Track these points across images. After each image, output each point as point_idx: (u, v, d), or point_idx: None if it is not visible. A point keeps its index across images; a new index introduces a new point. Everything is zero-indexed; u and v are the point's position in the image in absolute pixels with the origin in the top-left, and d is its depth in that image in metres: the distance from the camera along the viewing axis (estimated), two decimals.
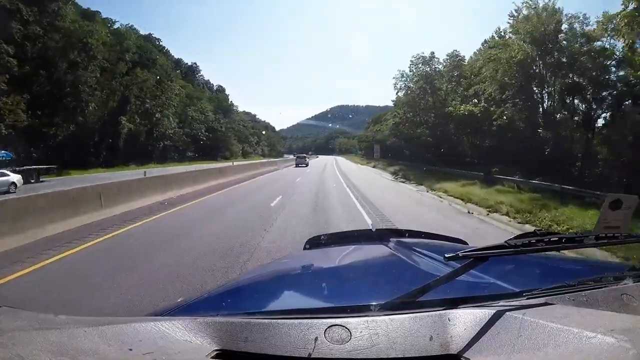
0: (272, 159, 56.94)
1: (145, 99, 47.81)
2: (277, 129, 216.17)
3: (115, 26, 48.24)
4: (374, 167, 40.56)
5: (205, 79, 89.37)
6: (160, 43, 67.19)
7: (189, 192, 12.80)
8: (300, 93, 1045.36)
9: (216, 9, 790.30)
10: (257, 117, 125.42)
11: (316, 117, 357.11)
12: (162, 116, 46.62)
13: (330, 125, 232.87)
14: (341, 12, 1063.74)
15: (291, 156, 75.13)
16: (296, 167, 37.19)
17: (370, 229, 2.00)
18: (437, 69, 28.92)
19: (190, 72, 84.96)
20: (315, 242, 1.72)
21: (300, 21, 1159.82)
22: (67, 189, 8.01)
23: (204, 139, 58.27)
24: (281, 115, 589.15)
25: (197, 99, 62.09)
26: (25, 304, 3.49)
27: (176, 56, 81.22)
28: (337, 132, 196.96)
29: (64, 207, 7.14)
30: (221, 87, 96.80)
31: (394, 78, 31.30)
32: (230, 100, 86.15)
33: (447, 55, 29.50)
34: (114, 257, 5.42)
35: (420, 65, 29.54)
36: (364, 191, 15.23)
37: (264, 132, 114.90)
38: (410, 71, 30.20)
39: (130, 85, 41.15)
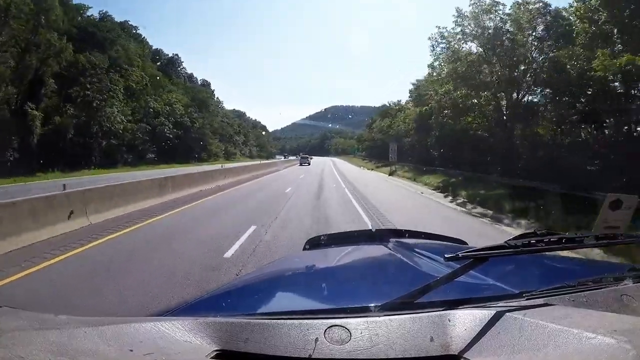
0: (260, 161, 45.62)
1: (86, 84, 35.64)
2: (272, 129, 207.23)
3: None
4: (390, 174, 27.25)
5: (189, 72, 78.06)
6: (137, 31, 58.81)
7: None
8: (295, 94, 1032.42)
9: (212, 6, 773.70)
10: (246, 114, 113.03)
11: (311, 117, 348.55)
12: (106, 105, 34.52)
13: (330, 125, 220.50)
14: (336, 13, 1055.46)
15: (282, 157, 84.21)
16: (300, 165, 41.28)
17: (370, 229, 2.05)
18: (513, 18, 17.10)
19: (170, 64, 73.38)
20: (315, 243, 1.68)
21: (295, 24, 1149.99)
22: None
23: (171, 136, 45.99)
24: (281, 115, 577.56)
25: (163, 89, 49.56)
26: None
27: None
28: (332, 132, 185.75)
29: None
30: (206, 81, 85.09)
31: (429, 39, 19.67)
32: (216, 96, 74.36)
33: (515, 3, 17.82)
34: None
35: (475, 17, 17.85)
36: None
37: (264, 133, 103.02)
38: (457, 25, 18.52)
39: (47, 59, 28.81)
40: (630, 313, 0.73)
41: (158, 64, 67.68)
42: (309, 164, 44.12)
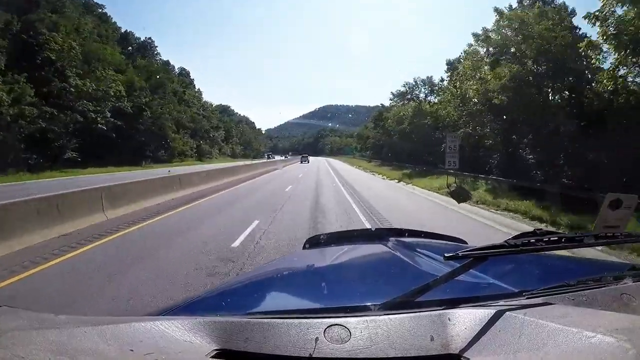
0: (218, 165, 32.19)
1: None
2: (267, 127, 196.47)
3: None
4: (459, 199, 11.52)
5: (165, 58, 67.56)
6: (104, 10, 52.50)
7: None
8: (292, 94, 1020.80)
9: (212, 7, 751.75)
10: (231, 109, 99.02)
11: (305, 117, 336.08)
12: None
13: (329, 125, 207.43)
14: (335, 14, 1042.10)
15: (265, 157, 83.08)
16: (301, 163, 47.86)
17: (370, 229, 1.89)
18: None
19: (142, 49, 61.06)
20: (314, 242, 1.66)
21: (294, 24, 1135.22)
22: None
23: (104, 128, 32.13)
24: (280, 115, 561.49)
25: (101, 63, 35.01)
26: None
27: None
28: (327, 131, 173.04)
29: None
30: (184, 69, 71.96)
31: None
32: (197, 87, 61.26)
33: None
34: None
35: None
36: None
37: (263, 132, 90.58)
38: None
39: None
40: (630, 312, 0.73)
41: (129, 48, 58.86)
42: (308, 162, 51.57)
